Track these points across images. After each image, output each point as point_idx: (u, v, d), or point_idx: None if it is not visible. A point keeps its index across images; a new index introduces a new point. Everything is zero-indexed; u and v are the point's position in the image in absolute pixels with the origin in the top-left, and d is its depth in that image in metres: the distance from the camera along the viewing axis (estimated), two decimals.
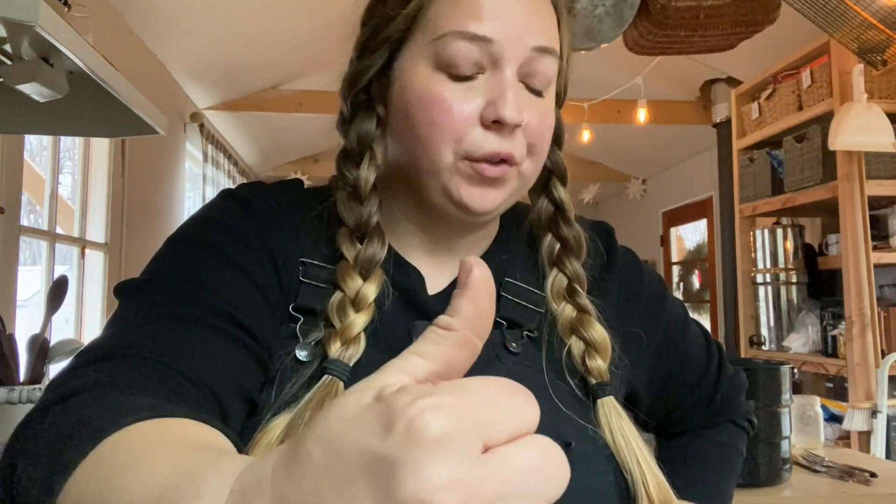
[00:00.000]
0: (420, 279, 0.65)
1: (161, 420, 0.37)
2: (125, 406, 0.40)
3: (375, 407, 0.23)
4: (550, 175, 0.69)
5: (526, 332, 0.65)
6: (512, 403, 0.24)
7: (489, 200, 0.60)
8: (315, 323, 0.60)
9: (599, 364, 0.64)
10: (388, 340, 0.60)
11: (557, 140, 0.69)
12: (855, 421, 2.50)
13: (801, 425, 1.58)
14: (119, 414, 0.38)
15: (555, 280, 0.67)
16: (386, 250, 0.62)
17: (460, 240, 0.67)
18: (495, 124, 0.58)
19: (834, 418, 2.61)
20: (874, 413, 2.45)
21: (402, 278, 0.64)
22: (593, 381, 0.64)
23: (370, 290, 0.59)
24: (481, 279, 0.28)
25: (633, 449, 0.62)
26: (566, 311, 0.66)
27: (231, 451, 0.35)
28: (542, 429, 0.63)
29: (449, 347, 0.27)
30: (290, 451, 0.25)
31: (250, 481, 0.26)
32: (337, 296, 0.59)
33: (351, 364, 0.57)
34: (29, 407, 1.16)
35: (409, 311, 0.63)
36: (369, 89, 0.64)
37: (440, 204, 0.61)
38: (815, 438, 1.59)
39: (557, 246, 0.68)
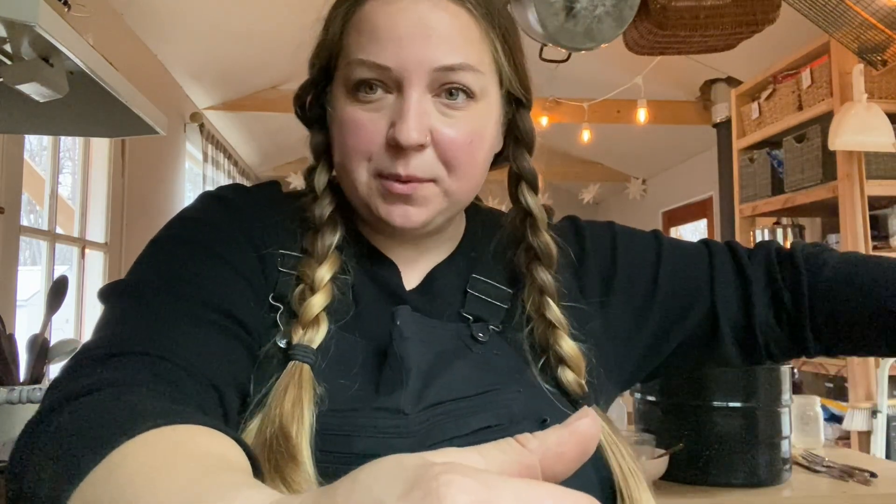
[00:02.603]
0: (395, 270, 0.66)
1: (174, 427, 0.37)
2: (136, 411, 0.40)
3: (409, 468, 0.22)
4: (519, 181, 0.68)
5: (492, 327, 0.65)
6: None
7: (411, 218, 0.61)
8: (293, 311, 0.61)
9: (569, 377, 0.63)
10: (367, 329, 0.61)
11: (527, 145, 0.67)
12: (855, 421, 2.50)
13: (801, 425, 1.58)
14: (131, 419, 0.38)
15: (527, 292, 0.66)
16: (338, 235, 0.64)
17: (426, 239, 0.68)
18: (397, 146, 0.59)
19: (834, 418, 2.60)
20: (874, 413, 2.45)
21: (378, 268, 0.66)
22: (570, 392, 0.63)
23: (324, 272, 0.61)
24: (584, 433, 0.28)
25: (611, 433, 0.61)
26: (539, 326, 0.65)
27: (247, 467, 0.36)
28: (518, 406, 0.63)
29: (511, 461, 0.27)
30: (323, 489, 0.25)
31: None
32: (298, 287, 0.61)
33: (314, 346, 0.58)
34: (29, 407, 1.16)
35: (388, 301, 0.64)
36: (322, 103, 0.67)
37: (368, 218, 0.64)
38: (815, 438, 1.59)
39: (525, 255, 0.67)
